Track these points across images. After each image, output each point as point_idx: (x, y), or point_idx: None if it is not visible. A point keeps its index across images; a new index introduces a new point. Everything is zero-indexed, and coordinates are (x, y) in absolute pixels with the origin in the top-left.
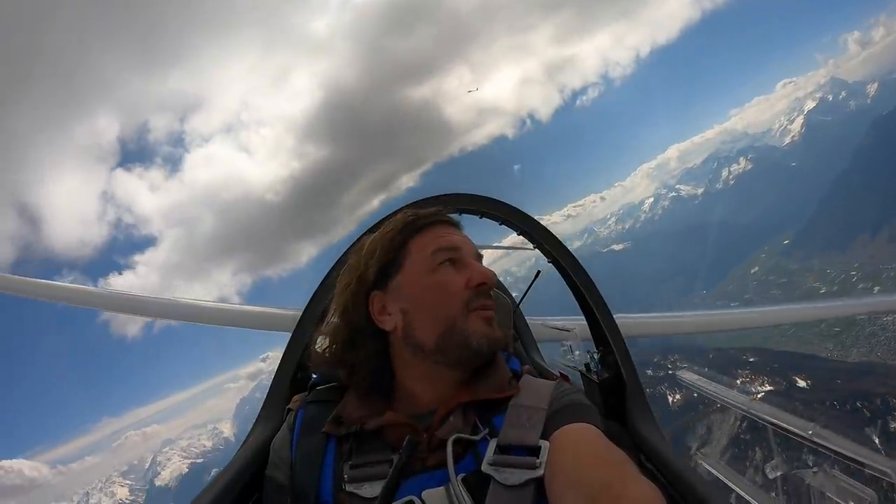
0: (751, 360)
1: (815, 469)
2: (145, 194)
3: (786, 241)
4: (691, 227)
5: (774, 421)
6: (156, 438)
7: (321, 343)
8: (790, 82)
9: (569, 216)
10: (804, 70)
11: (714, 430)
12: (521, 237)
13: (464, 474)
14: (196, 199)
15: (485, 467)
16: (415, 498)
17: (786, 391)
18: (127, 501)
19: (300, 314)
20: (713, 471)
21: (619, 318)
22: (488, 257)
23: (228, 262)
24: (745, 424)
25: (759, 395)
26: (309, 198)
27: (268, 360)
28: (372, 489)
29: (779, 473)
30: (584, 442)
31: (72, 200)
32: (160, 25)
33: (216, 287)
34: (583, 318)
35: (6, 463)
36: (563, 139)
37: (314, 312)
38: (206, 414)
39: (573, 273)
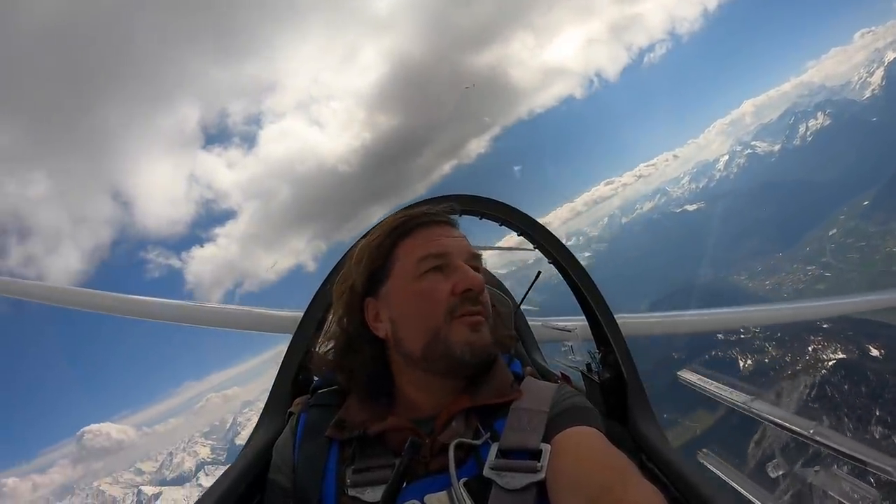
0: (825, 326)
1: (816, 468)
2: (225, 172)
3: (865, 203)
4: (767, 186)
5: (775, 420)
6: (235, 400)
7: (323, 345)
8: (868, 32)
9: (640, 176)
10: (883, 19)
11: (784, 396)
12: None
13: (466, 479)
14: (272, 173)
15: (486, 472)
16: (417, 502)
17: (858, 360)
18: (209, 460)
19: (301, 316)
20: (715, 470)
21: (620, 317)
22: (489, 257)
23: (304, 230)
24: (747, 423)
25: (830, 363)
26: (381, 166)
27: None
28: (374, 494)
29: (780, 472)
30: (585, 445)
31: (159, 184)
32: (233, 21)
33: (292, 254)
34: (584, 318)
35: (95, 427)
36: (633, 97)
37: (315, 314)
38: None
39: (573, 273)
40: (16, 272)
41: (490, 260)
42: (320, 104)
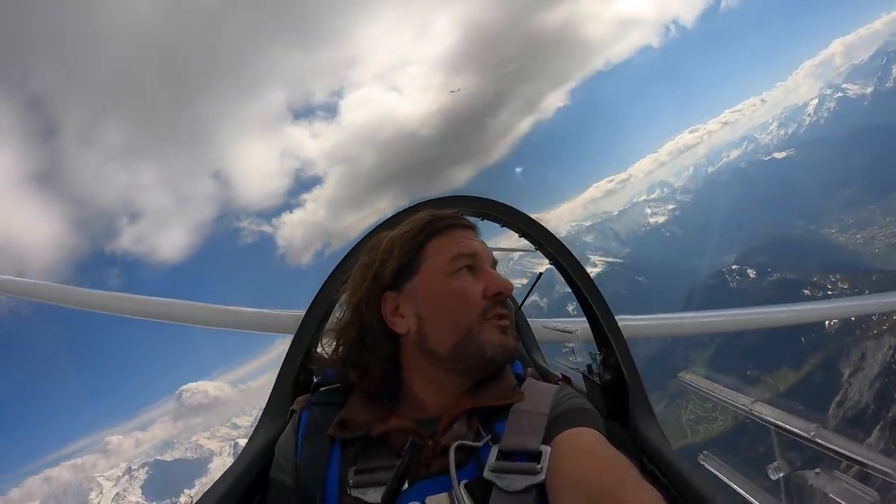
0: None
1: (817, 470)
2: (310, 142)
3: None
4: (859, 132)
5: (776, 421)
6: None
7: (328, 342)
8: None
9: (726, 123)
10: None
11: (868, 357)
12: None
13: (466, 480)
14: (355, 139)
15: (486, 474)
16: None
17: None
18: None
19: (302, 316)
20: (715, 472)
21: (621, 319)
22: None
23: (389, 192)
24: (748, 425)
25: None
26: (460, 127)
27: None
28: (376, 495)
29: (781, 474)
30: (584, 446)
31: (252, 161)
32: (311, 12)
33: (377, 215)
34: (584, 319)
35: (193, 385)
36: (713, 43)
37: (316, 314)
38: None
39: (575, 275)
40: (129, 250)
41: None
42: (398, 72)
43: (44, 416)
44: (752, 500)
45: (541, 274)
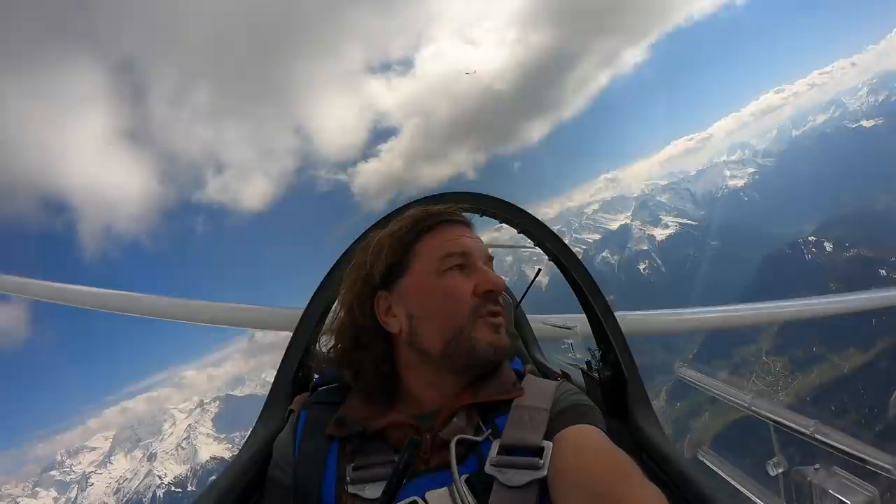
0: None
1: (816, 466)
2: (387, 95)
3: None
4: None
5: (775, 417)
6: None
7: (326, 341)
8: None
9: (813, 85)
10: None
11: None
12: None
13: (467, 475)
14: (431, 92)
15: (488, 468)
16: (418, 499)
17: None
18: None
19: (301, 313)
20: (714, 468)
21: (620, 315)
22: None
23: (464, 144)
24: (745, 421)
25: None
26: (535, 81)
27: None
28: (373, 490)
29: (780, 470)
30: (586, 444)
31: (331, 115)
32: None
33: (452, 166)
34: (584, 315)
35: None
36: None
37: (315, 311)
38: None
39: (574, 271)
40: (214, 199)
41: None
42: (473, 26)
43: (123, 351)
44: (751, 496)
45: (539, 270)
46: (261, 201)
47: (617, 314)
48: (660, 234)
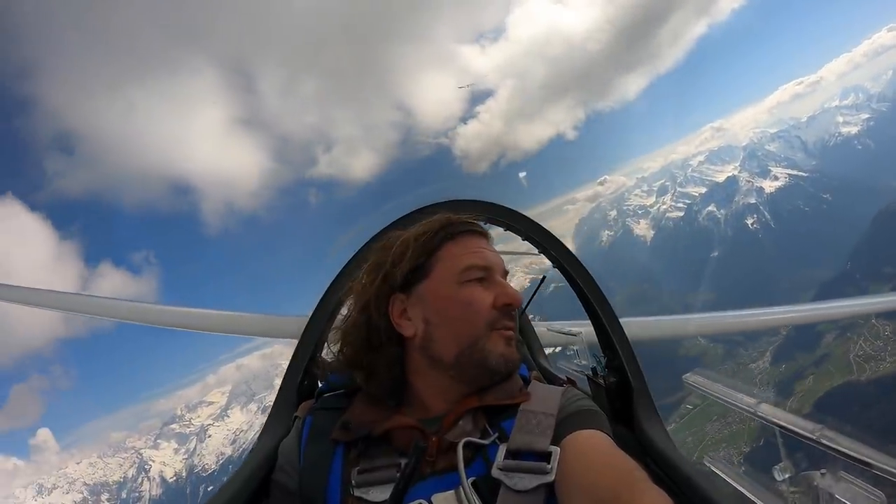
0: None
1: (823, 471)
2: (481, 59)
3: None
4: None
5: (781, 423)
6: None
7: (333, 344)
8: None
9: None
10: None
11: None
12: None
13: (473, 478)
14: (525, 53)
15: (495, 472)
16: (424, 502)
17: None
18: None
19: (306, 321)
20: (721, 474)
21: (625, 321)
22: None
23: (561, 102)
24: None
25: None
26: (628, 37)
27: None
28: (380, 493)
29: (787, 476)
30: (594, 449)
31: (428, 86)
32: None
33: (550, 125)
34: (589, 322)
35: None
36: None
37: (321, 320)
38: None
39: (579, 278)
40: (324, 173)
41: None
42: None
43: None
44: (758, 501)
45: (544, 277)
46: (367, 172)
47: (622, 320)
48: (769, 186)
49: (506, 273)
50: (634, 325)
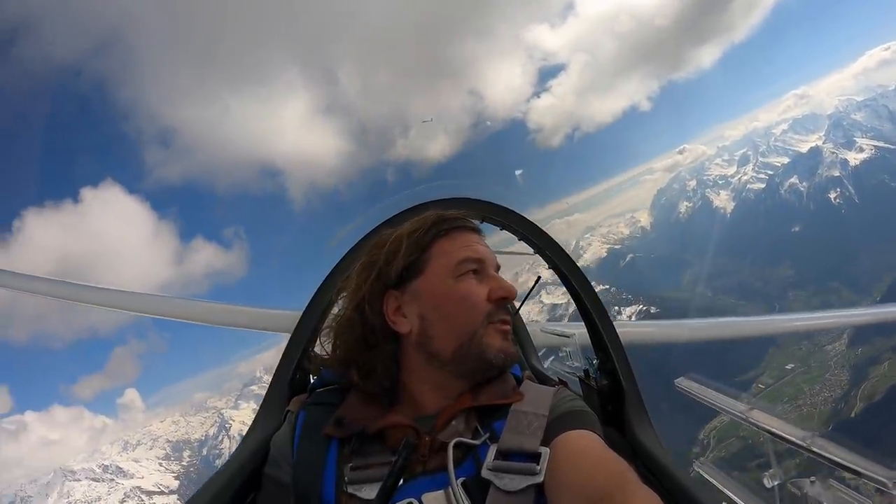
0: None
1: (813, 478)
2: (550, 36)
3: None
4: None
5: (772, 429)
6: (578, 225)
7: (326, 341)
8: None
9: None
10: None
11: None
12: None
13: (463, 478)
14: (594, 30)
15: (485, 472)
16: (414, 501)
17: None
18: None
19: (299, 315)
20: (711, 479)
21: (619, 325)
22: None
23: (633, 75)
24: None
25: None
26: (698, 10)
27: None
28: (371, 491)
29: (776, 482)
30: (584, 449)
31: (498, 68)
32: None
33: (623, 96)
34: (582, 323)
35: None
36: None
37: (314, 314)
38: (625, 204)
39: (573, 280)
40: (401, 154)
41: None
42: None
43: (312, 281)
44: None
45: (539, 278)
46: (441, 153)
47: (615, 323)
48: (853, 158)
49: (498, 268)
50: (628, 329)
